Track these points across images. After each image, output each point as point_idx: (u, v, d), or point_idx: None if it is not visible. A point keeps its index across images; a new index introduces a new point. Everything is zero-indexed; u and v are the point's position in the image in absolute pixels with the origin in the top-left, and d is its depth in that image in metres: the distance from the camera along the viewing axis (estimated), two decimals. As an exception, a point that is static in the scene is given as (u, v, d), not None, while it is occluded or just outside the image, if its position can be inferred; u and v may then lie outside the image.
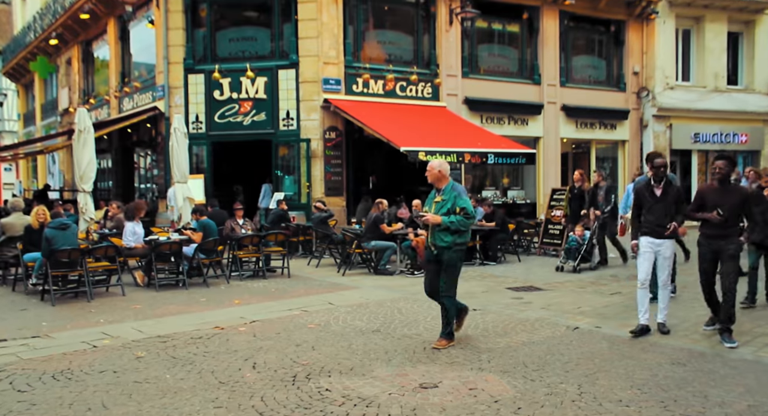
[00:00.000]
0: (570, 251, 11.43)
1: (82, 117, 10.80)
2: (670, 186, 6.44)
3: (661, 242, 6.40)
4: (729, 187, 6.23)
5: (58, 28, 21.32)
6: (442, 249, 6.14)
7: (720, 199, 6.11)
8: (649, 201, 6.45)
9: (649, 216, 6.43)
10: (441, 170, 6.25)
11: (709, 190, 6.30)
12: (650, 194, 6.47)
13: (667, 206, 6.37)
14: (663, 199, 6.37)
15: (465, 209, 6.06)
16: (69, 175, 23.23)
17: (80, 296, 9.15)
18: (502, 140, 15.73)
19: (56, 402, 4.82)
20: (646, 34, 19.64)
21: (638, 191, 6.61)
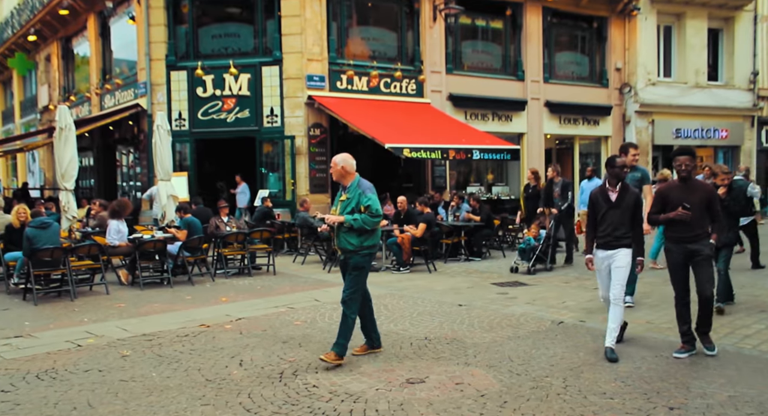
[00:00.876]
0: (524, 251, 10.85)
1: (63, 115, 10.68)
2: (627, 191, 5.71)
3: (615, 251, 5.65)
4: (693, 184, 5.65)
5: (37, 25, 21.02)
6: (348, 253, 5.63)
7: (684, 198, 5.52)
8: (603, 207, 5.70)
9: (603, 224, 5.70)
10: (344, 166, 5.72)
11: (672, 189, 5.70)
12: (605, 199, 5.72)
13: (624, 212, 5.63)
14: (619, 204, 5.63)
15: (370, 208, 5.53)
16: (50, 173, 22.96)
17: (63, 296, 9.08)
18: (487, 136, 15.80)
19: (41, 402, 4.79)
20: (628, 30, 19.80)
21: (593, 196, 5.88)
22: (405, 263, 11.15)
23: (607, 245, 5.68)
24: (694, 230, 5.54)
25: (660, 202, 5.73)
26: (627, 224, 5.64)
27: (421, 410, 4.44)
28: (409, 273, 10.95)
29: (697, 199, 5.52)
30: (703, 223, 5.60)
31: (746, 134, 21.86)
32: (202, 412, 4.50)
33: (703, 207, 5.54)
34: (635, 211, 5.66)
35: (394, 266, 11.33)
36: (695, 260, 5.59)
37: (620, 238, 5.63)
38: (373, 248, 5.74)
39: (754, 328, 6.64)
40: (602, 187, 5.80)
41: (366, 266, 5.71)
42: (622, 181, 5.71)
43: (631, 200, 5.65)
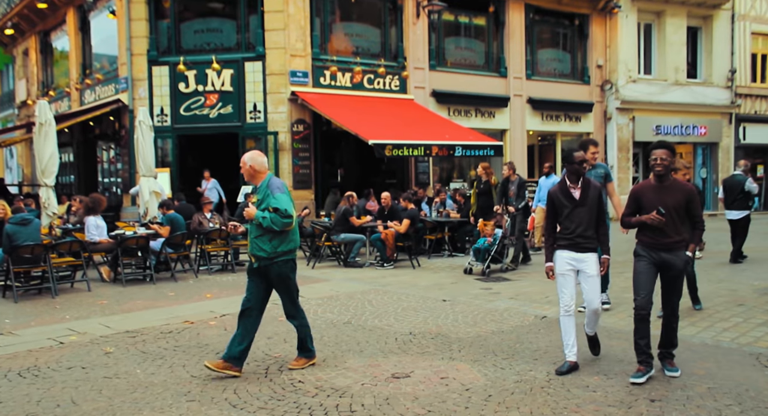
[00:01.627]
0: (479, 251, 10.17)
1: (43, 110, 10.54)
2: (590, 186, 5.20)
3: (585, 256, 5.14)
4: (670, 184, 4.93)
5: (14, 18, 20.69)
6: (262, 260, 5.16)
7: (660, 199, 4.87)
8: (567, 206, 5.17)
9: (568, 224, 5.17)
10: (253, 164, 5.25)
11: (646, 189, 5.02)
12: (567, 197, 5.18)
13: (591, 210, 5.17)
14: (584, 202, 5.14)
15: (278, 210, 5.05)
16: (28, 169, 22.65)
17: (44, 293, 8.99)
18: (470, 133, 15.87)
19: (23, 399, 4.74)
20: (609, 27, 19.99)
21: (552, 195, 5.30)
22: (389, 259, 11.18)
23: (574, 247, 5.15)
24: (670, 237, 4.88)
25: (633, 203, 5.08)
26: (594, 223, 5.20)
27: (407, 404, 4.47)
28: (393, 269, 10.98)
29: (674, 201, 4.87)
30: (681, 229, 4.92)
31: (724, 130, 22.19)
32: (188, 408, 4.49)
33: (681, 211, 4.90)
34: (600, 207, 5.23)
35: (378, 262, 11.36)
36: (667, 275, 4.99)
37: (590, 239, 5.16)
38: (290, 254, 5.23)
39: (732, 321, 6.77)
40: (561, 184, 5.24)
41: (291, 274, 5.26)
42: (583, 176, 5.22)
43: (595, 195, 5.19)
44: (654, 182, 5.00)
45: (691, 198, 4.95)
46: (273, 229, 5.07)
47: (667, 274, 4.98)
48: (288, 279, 5.26)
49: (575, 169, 5.16)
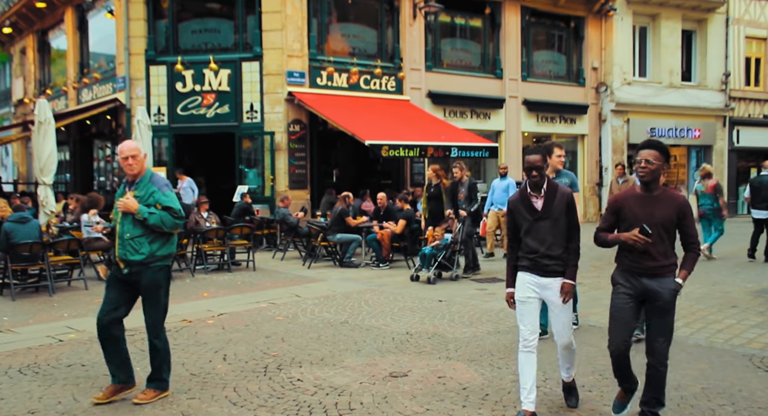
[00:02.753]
0: (424, 257, 9.61)
1: (42, 108, 10.56)
2: (556, 191, 4.23)
3: (551, 281, 4.19)
4: (658, 193, 4.02)
5: (12, 17, 20.67)
6: (136, 266, 4.54)
7: (646, 212, 3.98)
8: (527, 219, 4.23)
9: (530, 242, 4.23)
10: (145, 155, 4.76)
11: (629, 198, 4.09)
12: (527, 208, 4.24)
13: (556, 223, 4.20)
14: (547, 214, 4.19)
15: (171, 209, 4.55)
16: (24, 167, 22.62)
17: (41, 291, 9.01)
18: (465, 134, 15.95)
19: (25, 396, 4.78)
20: (605, 30, 20.11)
21: (510, 205, 4.38)
22: (384, 259, 11.24)
23: (538, 269, 4.21)
24: (656, 260, 3.96)
25: (612, 216, 4.17)
26: (563, 239, 4.23)
27: (405, 403, 4.53)
28: (389, 269, 11.04)
29: (663, 215, 3.96)
30: (670, 251, 4.00)
31: (718, 133, 22.35)
32: (189, 406, 4.53)
33: (671, 228, 4.00)
34: (570, 217, 4.25)
35: (373, 262, 11.42)
36: (651, 307, 4.02)
37: (558, 259, 4.19)
38: (168, 259, 4.67)
39: (726, 323, 6.85)
40: (522, 192, 4.30)
41: (165, 283, 4.67)
42: (549, 181, 4.26)
43: (562, 205, 4.20)
44: (640, 191, 4.06)
45: (685, 213, 3.99)
46: (159, 229, 4.52)
47: (651, 306, 4.02)
48: (161, 288, 4.64)
49: (530, 175, 4.19)
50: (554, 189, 4.24)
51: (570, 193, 4.31)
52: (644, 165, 4.00)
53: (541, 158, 4.14)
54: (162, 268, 4.64)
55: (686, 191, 21.67)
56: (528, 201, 4.24)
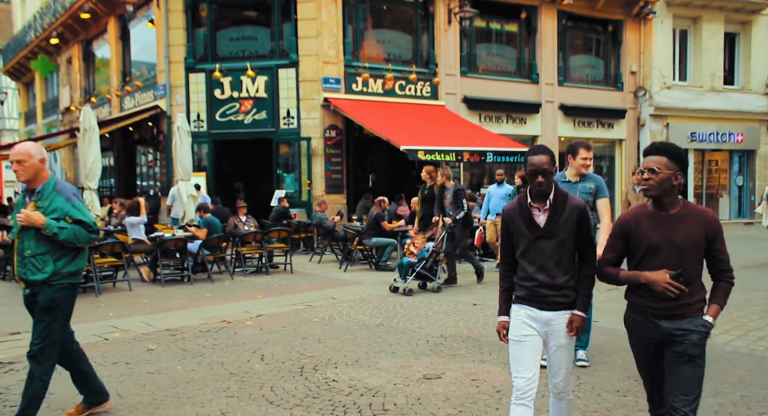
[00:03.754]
0: (401, 267, 9.04)
1: (87, 116, 10.93)
2: (566, 203, 3.32)
3: (553, 316, 3.33)
4: (680, 210, 3.11)
5: (59, 28, 21.39)
6: (37, 286, 4.00)
7: (662, 235, 3.08)
8: (525, 236, 3.35)
9: (527, 265, 3.37)
10: (42, 158, 4.07)
11: (641, 218, 3.17)
12: (526, 222, 3.35)
13: (563, 244, 3.31)
14: (552, 232, 3.30)
15: (84, 223, 3.99)
16: (71, 173, 23.35)
17: (88, 292, 9.30)
18: (501, 139, 15.90)
19: (73, 392, 4.91)
20: (644, 33, 19.82)
21: (506, 216, 3.46)
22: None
23: (537, 301, 3.34)
24: (681, 297, 3.06)
25: (619, 241, 3.24)
26: (570, 264, 3.35)
27: (438, 404, 4.58)
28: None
29: (685, 238, 3.06)
30: (697, 283, 3.10)
31: (762, 138, 21.77)
32: (227, 404, 4.65)
33: (697, 253, 3.08)
34: (583, 237, 3.35)
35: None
36: (672, 354, 3.11)
37: (563, 289, 3.31)
38: (76, 276, 4.13)
39: (766, 330, 6.71)
40: (521, 201, 3.39)
41: (64, 305, 4.05)
42: (557, 189, 3.33)
43: (572, 220, 3.30)
44: (652, 209, 3.16)
45: (715, 233, 3.08)
46: (71, 244, 3.99)
47: (673, 352, 3.09)
48: (58, 309, 4.02)
49: (534, 181, 3.28)
50: (563, 200, 3.32)
51: (583, 205, 3.37)
52: (647, 176, 3.07)
53: (548, 159, 3.26)
54: (66, 287, 4.05)
55: (729, 196, 21.18)
56: (528, 214, 3.33)
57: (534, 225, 3.33)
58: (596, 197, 5.38)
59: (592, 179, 5.44)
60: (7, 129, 36.40)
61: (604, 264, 3.30)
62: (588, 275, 3.40)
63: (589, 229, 3.39)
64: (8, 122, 36.61)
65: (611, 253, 3.28)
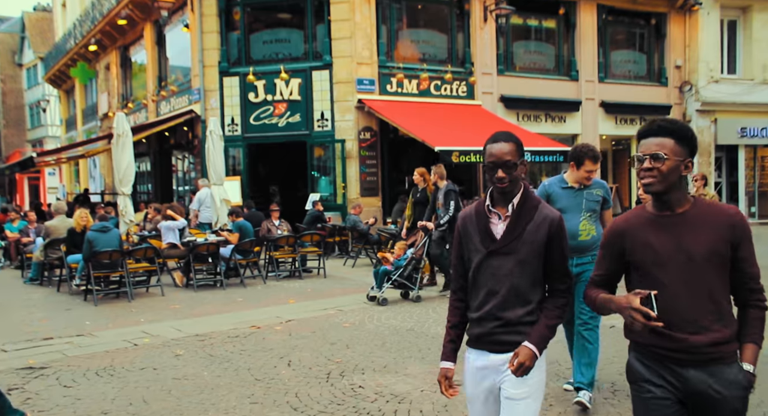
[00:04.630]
0: (377, 275, 8.50)
1: (120, 121, 11.03)
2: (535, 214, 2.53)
3: (505, 360, 2.50)
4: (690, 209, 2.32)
5: (97, 35, 21.82)
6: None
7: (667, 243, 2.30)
8: (478, 250, 2.57)
9: (477, 290, 2.60)
10: None
11: (639, 223, 2.39)
12: (481, 234, 2.57)
13: (522, 265, 2.51)
14: (510, 247, 2.51)
15: None
16: (110, 178, 23.79)
17: (121, 297, 9.34)
18: (539, 138, 15.51)
19: (99, 397, 4.95)
20: (689, 26, 19.12)
21: (460, 224, 2.68)
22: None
23: (486, 340, 2.55)
24: (699, 332, 2.25)
25: (609, 256, 2.47)
26: (533, 293, 2.53)
27: (465, 411, 4.30)
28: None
29: (699, 245, 2.25)
30: (724, 310, 2.28)
31: (818, 132, 20.75)
32: (251, 410, 4.54)
33: (718, 267, 2.26)
34: (555, 260, 2.54)
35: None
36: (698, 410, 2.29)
37: (518, 326, 2.50)
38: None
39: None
40: (478, 204, 2.64)
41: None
42: (525, 192, 2.55)
43: (540, 234, 2.50)
44: (652, 210, 2.36)
45: (741, 236, 2.26)
46: None
47: (697, 411, 2.28)
48: None
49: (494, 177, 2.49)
50: (532, 207, 2.51)
51: (558, 219, 2.52)
52: (649, 165, 2.26)
53: (512, 148, 2.47)
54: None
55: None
56: (484, 221, 2.55)
57: (489, 236, 2.52)
58: (603, 206, 4.61)
59: (600, 186, 4.60)
60: (50, 136, 37.40)
61: (589, 284, 2.53)
62: (556, 305, 2.52)
63: (564, 251, 2.53)
64: (50, 129, 37.61)
65: (598, 270, 2.51)
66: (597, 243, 4.35)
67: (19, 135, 43.35)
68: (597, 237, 4.44)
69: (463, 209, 2.79)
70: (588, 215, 4.50)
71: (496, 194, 2.57)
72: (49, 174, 34.81)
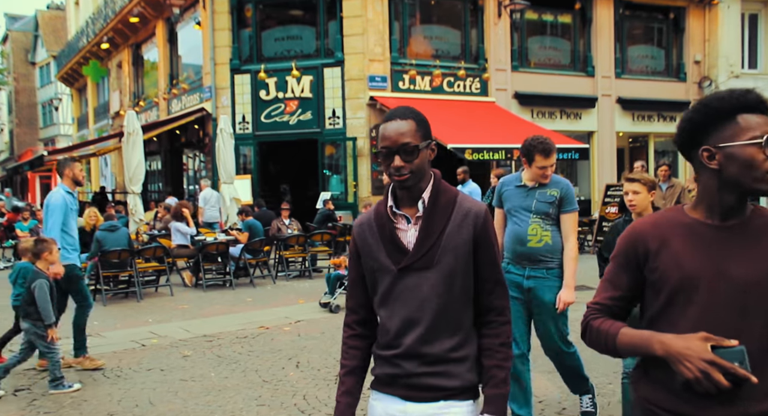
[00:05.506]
0: (329, 280, 8.17)
1: (130, 120, 10.92)
2: (453, 210, 1.91)
3: (429, 412, 1.89)
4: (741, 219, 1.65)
5: (109, 32, 21.81)
6: None
7: (713, 262, 1.61)
8: (386, 268, 1.92)
9: (388, 319, 1.94)
10: None
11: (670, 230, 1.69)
12: (387, 245, 1.93)
13: (446, 281, 1.87)
14: (429, 257, 1.87)
15: None
16: (121, 177, 23.79)
17: (130, 296, 9.24)
18: (554, 135, 15.17)
19: (106, 398, 4.90)
20: (709, 20, 18.74)
21: (357, 235, 2.01)
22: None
23: (405, 386, 1.92)
24: (761, 400, 1.57)
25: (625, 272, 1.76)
26: (464, 316, 1.94)
27: None
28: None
29: (755, 270, 1.60)
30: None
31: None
32: (258, 412, 4.44)
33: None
34: (483, 261, 1.93)
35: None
36: None
37: (445, 363, 1.90)
38: None
39: None
40: (378, 207, 2.01)
41: None
42: (436, 184, 1.96)
43: (464, 234, 1.90)
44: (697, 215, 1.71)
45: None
46: None
47: None
48: None
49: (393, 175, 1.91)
50: (448, 202, 1.92)
51: (485, 212, 1.93)
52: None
53: (411, 127, 1.91)
54: None
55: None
56: (388, 228, 1.93)
57: (397, 247, 1.89)
58: (561, 210, 3.92)
59: (557, 185, 3.94)
60: (62, 135, 37.52)
61: (594, 312, 1.78)
62: (500, 340, 1.90)
63: (494, 255, 1.92)
64: (63, 128, 37.75)
65: (609, 292, 1.76)
66: (554, 254, 3.91)
67: (32, 133, 43.62)
68: (553, 246, 3.89)
69: (359, 217, 2.06)
70: (538, 217, 3.90)
71: (398, 192, 1.95)
72: (60, 173, 34.87)
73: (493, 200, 4.24)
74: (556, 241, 3.92)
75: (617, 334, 1.68)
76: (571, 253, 3.89)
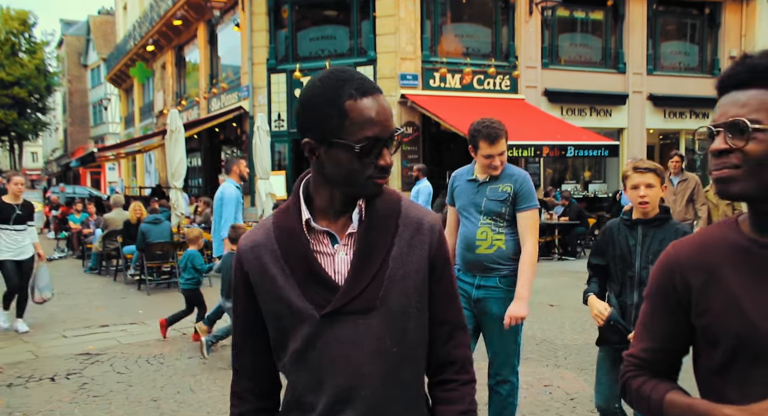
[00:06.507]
0: None
1: (173, 118, 11.41)
2: (398, 222, 1.36)
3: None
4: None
5: (154, 35, 22.57)
6: None
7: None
8: (302, 313, 1.28)
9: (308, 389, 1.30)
10: None
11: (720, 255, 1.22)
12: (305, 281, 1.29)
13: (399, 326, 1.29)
14: (370, 293, 1.27)
15: None
16: (164, 173, 24.56)
17: (173, 287, 9.72)
18: (583, 132, 15.31)
19: (150, 384, 5.19)
20: (746, 15, 18.48)
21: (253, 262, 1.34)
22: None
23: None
24: None
25: (664, 314, 1.31)
26: (422, 366, 1.38)
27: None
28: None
29: None
30: None
31: None
32: None
33: None
34: (439, 294, 1.38)
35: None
36: None
37: None
38: None
39: None
40: (282, 222, 1.37)
41: None
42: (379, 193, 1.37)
43: (420, 251, 1.34)
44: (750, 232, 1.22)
45: None
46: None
47: None
48: None
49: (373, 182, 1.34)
50: (391, 210, 1.41)
51: (437, 221, 1.44)
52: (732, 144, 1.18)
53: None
54: None
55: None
56: (302, 251, 1.33)
57: (319, 282, 1.31)
58: (516, 207, 3.35)
59: (510, 179, 3.39)
60: (110, 133, 39.00)
61: (631, 368, 1.38)
62: (463, 411, 1.41)
63: (453, 281, 1.43)
64: (111, 127, 39.27)
65: (645, 342, 1.37)
66: (509, 261, 3.33)
67: (84, 132, 45.72)
68: (507, 252, 3.31)
69: (253, 235, 1.41)
70: (489, 219, 3.30)
71: (319, 197, 1.40)
72: (109, 169, 36.35)
73: (446, 197, 3.61)
74: (511, 245, 3.33)
75: (662, 403, 1.26)
76: (528, 258, 3.26)
